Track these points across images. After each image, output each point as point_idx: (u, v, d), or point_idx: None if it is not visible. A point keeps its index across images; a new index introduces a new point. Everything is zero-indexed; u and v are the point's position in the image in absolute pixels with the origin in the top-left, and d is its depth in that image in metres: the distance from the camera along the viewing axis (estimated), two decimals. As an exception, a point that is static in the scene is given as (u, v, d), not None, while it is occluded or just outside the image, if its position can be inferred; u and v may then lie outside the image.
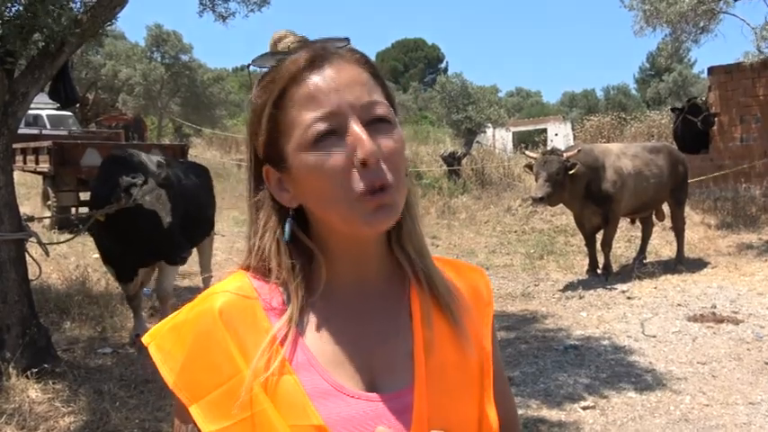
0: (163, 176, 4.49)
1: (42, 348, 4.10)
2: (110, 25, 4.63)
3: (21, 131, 5.29)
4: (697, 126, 10.61)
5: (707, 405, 3.90)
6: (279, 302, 0.81)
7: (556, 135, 24.53)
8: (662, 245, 8.61)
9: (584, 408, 3.90)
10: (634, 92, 38.28)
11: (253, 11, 5.64)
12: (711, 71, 11.17)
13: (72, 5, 4.13)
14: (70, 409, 3.64)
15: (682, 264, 7.57)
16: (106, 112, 24.34)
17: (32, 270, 4.39)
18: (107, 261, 4.83)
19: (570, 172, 6.61)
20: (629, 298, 6.40)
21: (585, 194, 6.97)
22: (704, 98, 11.40)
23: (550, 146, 15.09)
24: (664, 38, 10.41)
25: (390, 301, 0.85)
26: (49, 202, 9.48)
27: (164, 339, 0.81)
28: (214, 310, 0.80)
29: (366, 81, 0.79)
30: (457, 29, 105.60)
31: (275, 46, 0.83)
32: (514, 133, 23.85)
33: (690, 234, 8.64)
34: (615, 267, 7.52)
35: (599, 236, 7.37)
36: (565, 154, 6.78)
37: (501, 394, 0.91)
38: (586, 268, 7.52)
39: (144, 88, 22.73)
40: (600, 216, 7.17)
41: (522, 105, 37.97)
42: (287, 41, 0.83)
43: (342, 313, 0.82)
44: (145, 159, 4.74)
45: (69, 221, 8.60)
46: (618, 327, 5.50)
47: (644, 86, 37.37)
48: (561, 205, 7.40)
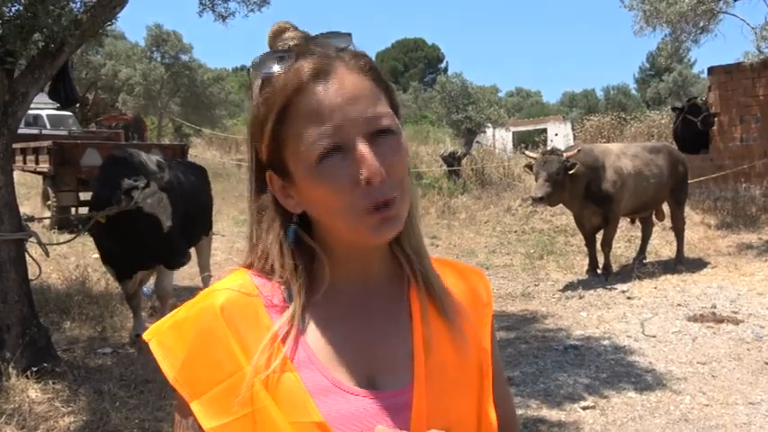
0: (166, 180, 4.46)
1: (42, 348, 4.10)
2: (110, 25, 4.63)
3: (21, 131, 5.29)
4: (697, 126, 10.62)
5: (707, 405, 3.91)
6: (280, 300, 0.81)
7: (556, 135, 24.52)
8: (662, 245, 8.61)
9: (584, 408, 3.90)
10: (634, 92, 38.30)
11: (253, 11, 5.63)
12: (711, 71, 11.16)
13: (72, 5, 4.13)
14: (70, 409, 3.64)
15: (682, 264, 7.57)
16: (106, 112, 24.36)
17: (32, 270, 4.39)
18: (107, 261, 4.83)
19: (570, 172, 6.61)
20: (629, 298, 6.40)
21: (585, 194, 6.97)
22: (704, 98, 11.39)
23: (550, 146, 15.09)
24: (664, 38, 10.42)
25: (391, 301, 0.85)
26: (49, 202, 9.49)
27: (165, 336, 0.81)
28: (216, 307, 0.80)
29: (370, 91, 0.78)
30: (457, 29, 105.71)
31: (274, 40, 0.82)
32: (514, 133, 23.85)
33: (690, 234, 8.64)
34: (615, 267, 7.52)
35: (599, 236, 7.37)
36: (565, 154, 6.78)
37: (500, 396, 0.91)
38: (586, 268, 7.52)
39: (144, 88, 22.73)
40: (600, 216, 7.17)
41: (522, 105, 37.98)
42: (287, 37, 0.81)
43: (343, 312, 0.83)
44: (145, 160, 4.74)
45: (69, 221, 8.60)
46: (618, 327, 5.50)
47: (644, 86, 37.40)
48: (561, 205, 7.40)
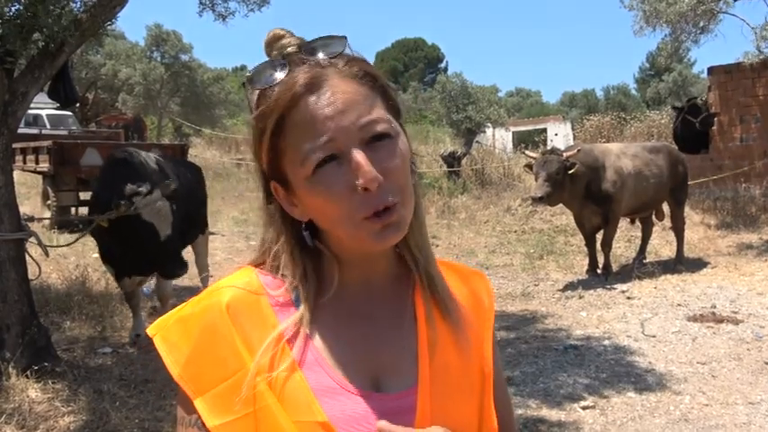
0: (172, 188, 4.41)
1: (42, 348, 4.10)
2: (110, 25, 4.63)
3: (21, 131, 5.29)
4: (696, 126, 10.62)
5: (707, 405, 3.91)
6: (286, 299, 0.82)
7: (556, 135, 24.51)
8: (662, 245, 8.61)
9: (583, 408, 3.91)
10: (634, 92, 38.29)
11: (253, 10, 5.64)
12: (711, 71, 11.17)
13: (72, 5, 4.14)
14: (70, 409, 3.64)
15: (681, 264, 7.57)
16: (106, 112, 24.38)
17: (32, 270, 4.39)
18: (106, 259, 4.83)
19: (570, 172, 6.61)
20: (628, 298, 6.40)
21: (585, 194, 6.97)
22: (704, 98, 11.40)
23: (550, 146, 15.07)
24: (663, 38, 10.42)
25: (395, 302, 0.86)
26: (49, 202, 9.50)
27: (169, 331, 0.81)
28: (221, 305, 0.80)
29: (365, 97, 0.77)
30: (457, 29, 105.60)
31: (270, 47, 0.82)
32: (514, 133, 23.84)
33: (690, 234, 8.64)
34: (615, 267, 7.52)
35: (599, 236, 7.37)
36: (565, 154, 6.78)
37: (499, 399, 0.91)
38: (586, 268, 7.52)
39: (144, 88, 22.70)
40: (600, 216, 7.18)
41: (522, 105, 37.95)
42: (283, 44, 0.81)
43: (349, 314, 0.83)
44: (145, 160, 4.72)
45: (69, 221, 8.60)
46: (618, 327, 5.50)
47: (644, 86, 37.39)
48: (561, 205, 7.41)
